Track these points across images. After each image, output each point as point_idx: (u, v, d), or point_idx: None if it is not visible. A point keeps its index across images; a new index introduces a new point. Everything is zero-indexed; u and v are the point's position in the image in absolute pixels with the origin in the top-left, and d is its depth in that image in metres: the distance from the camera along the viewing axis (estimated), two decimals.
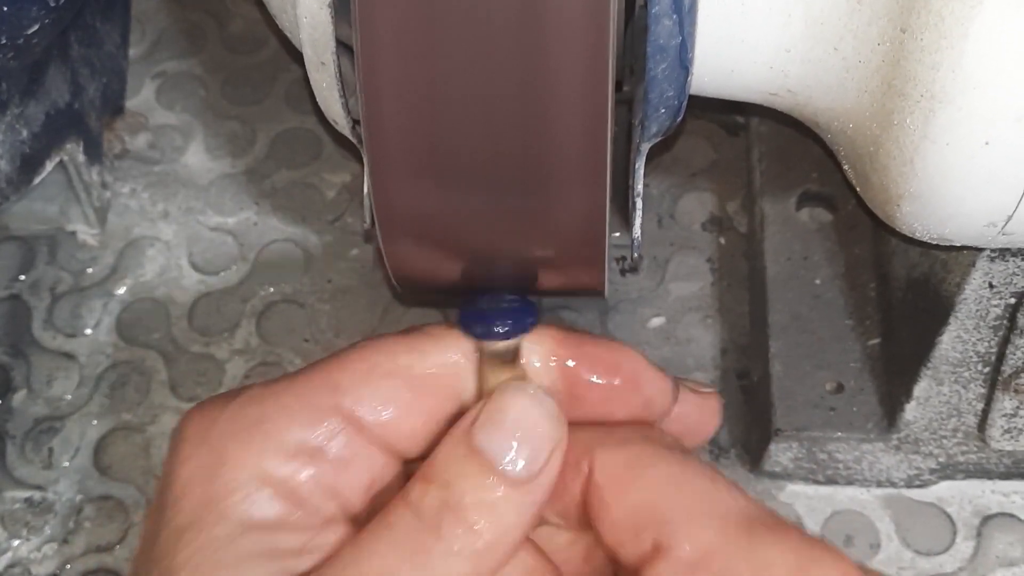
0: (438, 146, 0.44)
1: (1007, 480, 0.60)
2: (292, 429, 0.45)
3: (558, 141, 0.43)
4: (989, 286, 0.53)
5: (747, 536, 0.43)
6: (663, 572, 0.43)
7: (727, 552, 0.43)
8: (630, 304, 0.66)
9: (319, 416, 0.46)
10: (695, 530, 0.43)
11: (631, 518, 0.45)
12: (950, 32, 0.42)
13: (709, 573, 0.43)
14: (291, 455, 0.45)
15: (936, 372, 0.56)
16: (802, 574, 0.42)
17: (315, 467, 0.45)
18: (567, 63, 0.42)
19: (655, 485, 0.45)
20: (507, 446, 0.44)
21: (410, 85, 0.42)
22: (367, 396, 0.46)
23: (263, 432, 0.45)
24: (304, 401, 0.46)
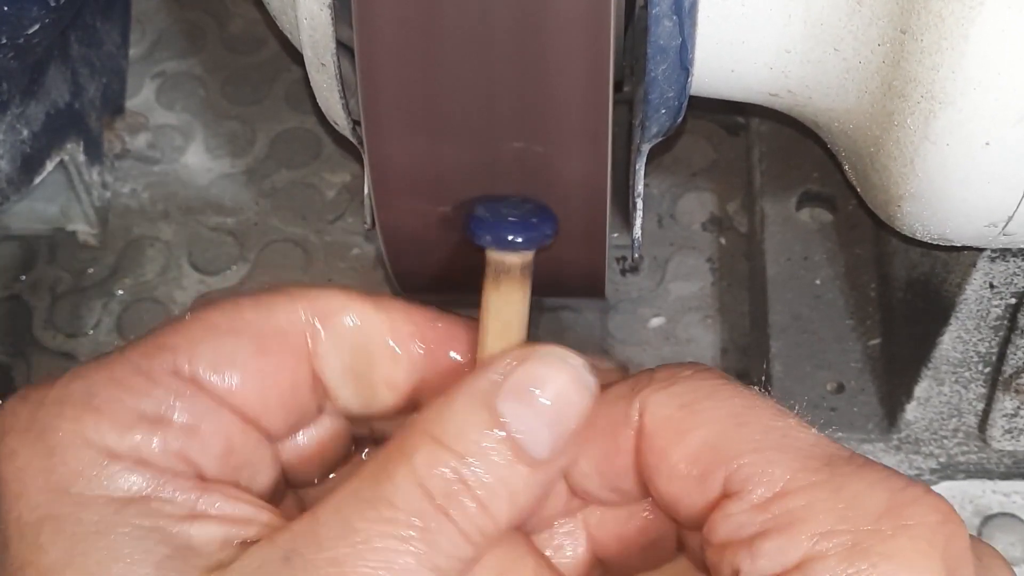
0: (438, 148, 0.44)
1: (1008, 480, 0.60)
2: (125, 398, 0.41)
3: (559, 142, 0.43)
4: (990, 286, 0.53)
5: (828, 471, 0.38)
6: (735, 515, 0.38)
7: (808, 490, 0.38)
8: (630, 304, 0.66)
9: (154, 381, 0.41)
10: (769, 468, 0.38)
11: (693, 463, 0.40)
12: (950, 33, 0.42)
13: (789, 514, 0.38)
14: (130, 426, 0.40)
15: (937, 372, 0.56)
16: (896, 514, 0.37)
17: (162, 435, 0.40)
18: (567, 64, 0.41)
19: (716, 422, 0.40)
20: (536, 422, 0.39)
21: (410, 87, 0.42)
22: (206, 356, 0.42)
23: (94, 407, 0.40)
24: (136, 368, 0.41)
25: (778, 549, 0.37)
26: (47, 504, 0.39)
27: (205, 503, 0.40)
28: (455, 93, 0.42)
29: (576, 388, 0.40)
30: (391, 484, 0.38)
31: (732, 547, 0.38)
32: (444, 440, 0.39)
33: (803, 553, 0.37)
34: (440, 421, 0.39)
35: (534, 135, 0.43)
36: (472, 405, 0.39)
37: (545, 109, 0.42)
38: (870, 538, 0.37)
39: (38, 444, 0.40)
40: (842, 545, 0.37)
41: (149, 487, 0.40)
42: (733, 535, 0.38)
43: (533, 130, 0.43)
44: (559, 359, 0.40)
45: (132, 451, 0.40)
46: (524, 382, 0.40)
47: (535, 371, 0.40)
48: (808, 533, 0.37)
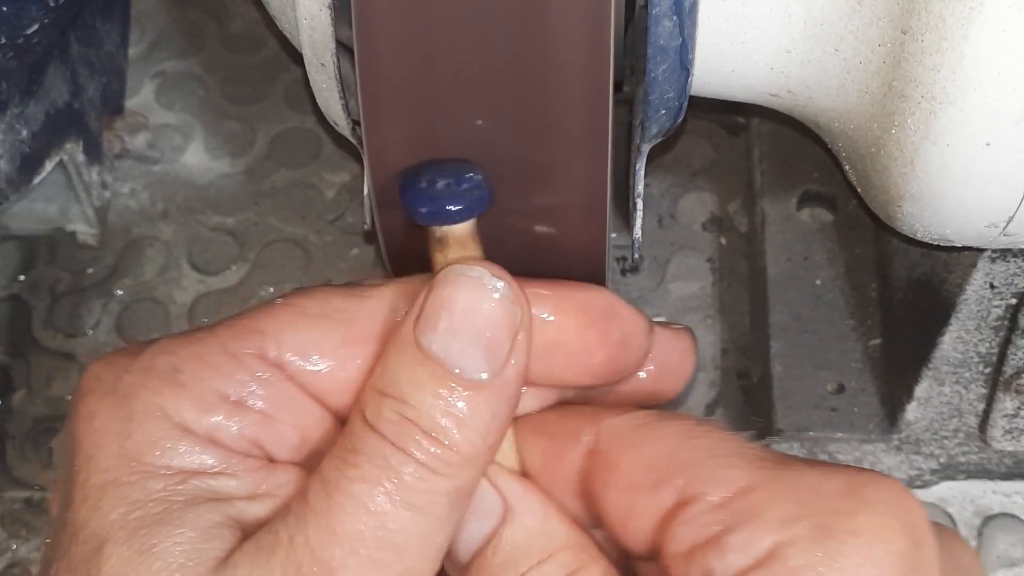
0: (438, 150, 0.43)
1: (1008, 480, 0.60)
2: (209, 378, 0.41)
3: (559, 143, 0.43)
4: (990, 287, 0.53)
5: (783, 467, 0.39)
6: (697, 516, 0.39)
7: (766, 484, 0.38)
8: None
9: (239, 364, 0.41)
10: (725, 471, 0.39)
11: (647, 472, 0.40)
12: (951, 33, 0.42)
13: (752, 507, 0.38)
14: (211, 407, 0.41)
15: (937, 373, 0.56)
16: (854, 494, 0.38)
17: (239, 420, 0.41)
18: (567, 64, 0.41)
19: (670, 437, 0.41)
20: (458, 344, 0.39)
21: (409, 88, 0.42)
22: (293, 341, 0.42)
23: (177, 383, 0.41)
24: (223, 348, 0.41)
25: (745, 541, 0.38)
26: (115, 469, 0.40)
27: (269, 484, 0.41)
28: (455, 93, 0.42)
29: (483, 296, 0.40)
30: (352, 438, 0.39)
31: (699, 550, 0.38)
32: (384, 388, 0.39)
33: (771, 542, 0.37)
34: (380, 372, 0.40)
35: (534, 136, 0.43)
36: (399, 349, 0.40)
37: (545, 110, 0.42)
38: (834, 518, 0.38)
39: (117, 409, 0.40)
40: (808, 528, 0.37)
41: (217, 465, 0.40)
42: (697, 537, 0.39)
43: (533, 131, 0.43)
44: (457, 275, 0.40)
45: (208, 431, 0.41)
46: (434, 309, 0.40)
47: (440, 295, 0.40)
48: (773, 521, 0.38)
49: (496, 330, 0.40)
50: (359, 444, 0.39)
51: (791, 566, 0.37)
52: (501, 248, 0.47)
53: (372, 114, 0.43)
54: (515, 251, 0.47)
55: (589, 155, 0.44)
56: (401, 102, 0.43)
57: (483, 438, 0.40)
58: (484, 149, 0.43)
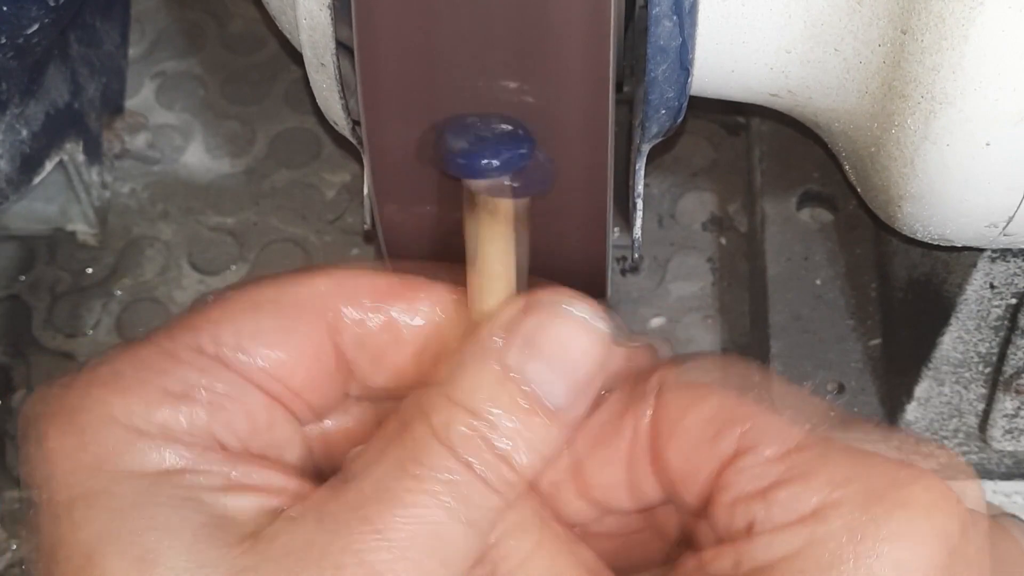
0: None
1: (1008, 480, 0.60)
2: (151, 378, 0.41)
3: (559, 143, 0.43)
4: (990, 287, 0.53)
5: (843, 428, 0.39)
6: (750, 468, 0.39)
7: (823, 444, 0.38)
8: (631, 304, 0.65)
9: (178, 360, 0.41)
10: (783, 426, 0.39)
11: (707, 425, 0.40)
12: (950, 34, 0.42)
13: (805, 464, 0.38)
14: (157, 404, 0.40)
15: (937, 372, 0.56)
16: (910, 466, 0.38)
17: (188, 412, 0.41)
18: (568, 65, 0.41)
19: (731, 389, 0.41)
20: (548, 374, 0.39)
21: (409, 88, 0.42)
22: (227, 332, 0.42)
23: (121, 387, 0.40)
24: (160, 349, 0.41)
25: (793, 497, 0.38)
26: (78, 483, 0.39)
27: (239, 474, 0.40)
28: (455, 93, 0.42)
29: (583, 333, 0.40)
30: (414, 444, 0.39)
31: (745, 499, 0.39)
32: (459, 399, 0.39)
33: (817, 501, 0.37)
34: (453, 381, 0.40)
35: (536, 138, 0.43)
36: (482, 362, 0.40)
37: (546, 111, 0.42)
38: (886, 486, 0.37)
39: (67, 425, 0.40)
40: (857, 492, 0.37)
41: (181, 461, 0.40)
42: (747, 488, 0.39)
43: (534, 132, 0.43)
44: (565, 308, 0.40)
45: (160, 428, 0.40)
46: (531, 333, 0.40)
47: (542, 323, 0.40)
48: (823, 481, 0.38)
49: (586, 367, 0.40)
50: (423, 455, 0.39)
51: (832, 527, 0.37)
52: None
53: (372, 114, 0.43)
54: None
55: (590, 155, 0.44)
56: (401, 102, 0.43)
57: (540, 463, 0.40)
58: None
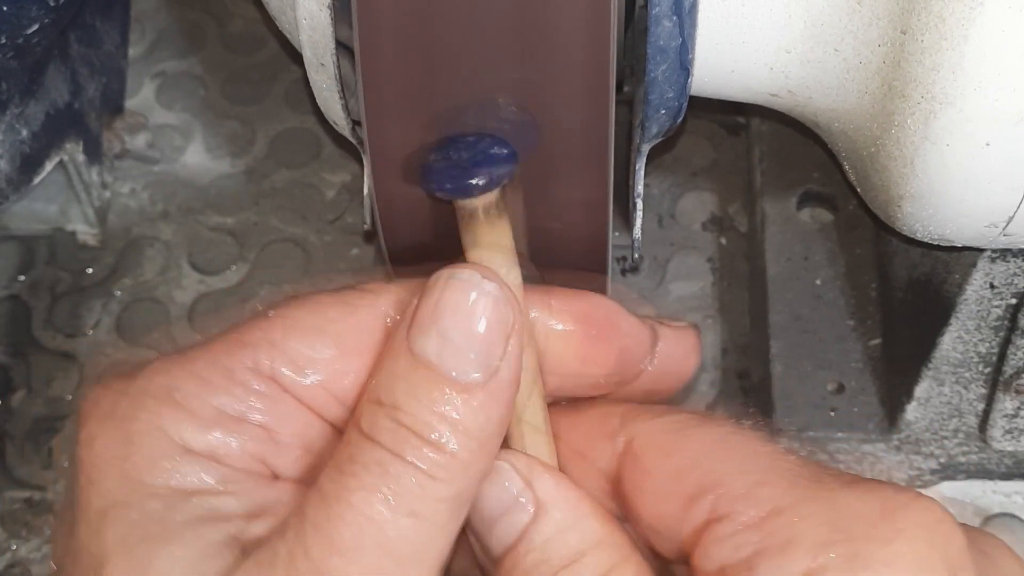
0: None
1: (1008, 480, 0.60)
2: (205, 395, 0.41)
3: (560, 142, 0.43)
4: (990, 287, 0.53)
5: (818, 487, 0.38)
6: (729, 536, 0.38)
7: (800, 506, 0.38)
8: (631, 304, 0.65)
9: (235, 379, 0.41)
10: (758, 489, 0.38)
11: (679, 483, 0.40)
12: (950, 34, 0.42)
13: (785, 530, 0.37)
14: (209, 424, 0.40)
15: (937, 372, 0.56)
16: (890, 520, 0.37)
17: (238, 435, 0.41)
18: (569, 65, 0.41)
19: (703, 446, 0.40)
20: (450, 348, 0.39)
21: (410, 87, 0.42)
22: (288, 354, 0.41)
23: (174, 402, 0.40)
24: (218, 364, 0.41)
25: (778, 568, 0.37)
26: (115, 491, 0.40)
27: (270, 501, 0.40)
28: (456, 92, 0.42)
29: (472, 297, 0.39)
30: (348, 448, 0.39)
31: (731, 570, 0.38)
32: (380, 398, 0.39)
33: (804, 568, 0.37)
34: (375, 383, 0.40)
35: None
36: (393, 356, 0.40)
37: (546, 113, 0.42)
38: (869, 545, 0.37)
39: (117, 432, 0.40)
40: (842, 556, 0.37)
41: (219, 484, 0.40)
42: (729, 558, 0.38)
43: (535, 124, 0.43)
44: (448, 278, 0.40)
45: (208, 448, 0.40)
46: (425, 313, 0.39)
47: (431, 299, 0.40)
48: (806, 547, 0.37)
49: (488, 332, 0.39)
50: (356, 454, 0.39)
51: None
52: None
53: (373, 114, 0.43)
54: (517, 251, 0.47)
55: (590, 155, 0.44)
56: (402, 102, 0.43)
57: (479, 442, 0.39)
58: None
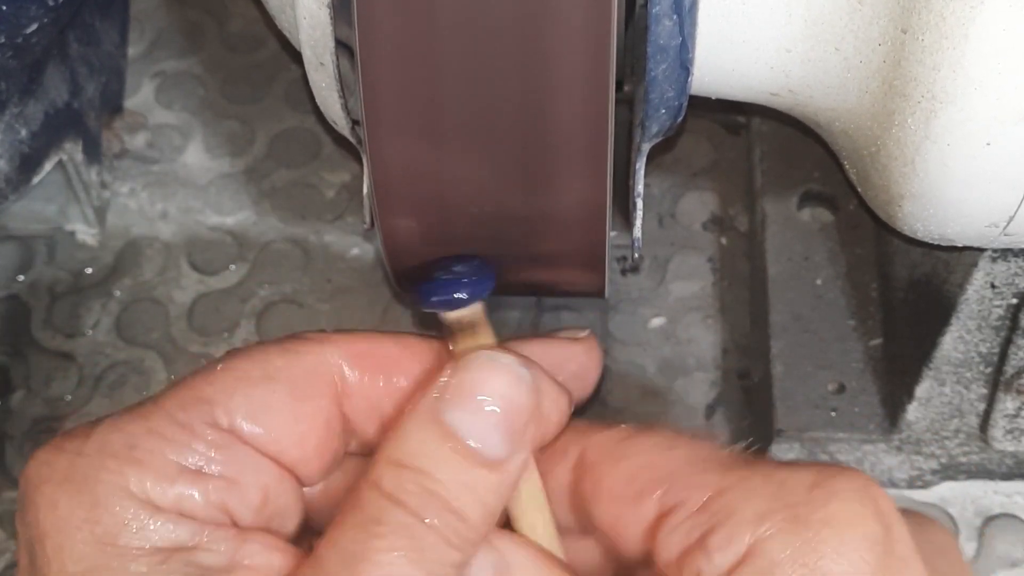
0: (438, 147, 0.43)
1: (1009, 481, 0.60)
2: (166, 451, 0.42)
3: (559, 142, 0.43)
4: (991, 286, 0.53)
5: (754, 468, 0.41)
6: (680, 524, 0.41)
7: (739, 485, 0.41)
8: (631, 304, 0.65)
9: (192, 434, 0.42)
10: (700, 477, 0.41)
11: (629, 484, 0.43)
12: (951, 33, 0.42)
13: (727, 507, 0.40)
14: (172, 478, 0.41)
15: (938, 373, 0.56)
16: (822, 486, 0.40)
17: (203, 488, 0.42)
18: (569, 64, 0.41)
19: (649, 449, 0.43)
20: (482, 425, 0.42)
21: (410, 86, 0.42)
22: (241, 406, 0.43)
23: (135, 459, 0.41)
24: (173, 420, 0.42)
25: (726, 539, 0.40)
26: (93, 556, 0.40)
27: (242, 554, 0.42)
28: (456, 91, 0.42)
29: (511, 383, 0.42)
30: (371, 507, 0.41)
31: (687, 554, 0.41)
32: (404, 461, 0.41)
33: (750, 537, 0.40)
34: (397, 445, 0.42)
35: (535, 135, 0.43)
36: (421, 423, 0.42)
37: (546, 108, 0.42)
38: (806, 509, 0.40)
39: (80, 496, 0.41)
40: (783, 521, 0.40)
41: (192, 539, 0.41)
42: (683, 543, 0.41)
43: (534, 129, 0.43)
44: (489, 360, 0.43)
45: (175, 503, 0.41)
46: (460, 386, 0.42)
47: (470, 377, 0.42)
48: (749, 517, 0.40)
49: (518, 415, 0.42)
50: (382, 515, 0.40)
51: (773, 558, 0.39)
52: (502, 248, 0.47)
53: (373, 113, 0.43)
54: (515, 250, 0.47)
55: (590, 155, 0.44)
56: (402, 101, 0.43)
57: (491, 515, 0.42)
58: (485, 147, 0.43)
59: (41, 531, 0.41)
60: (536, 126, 0.43)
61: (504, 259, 0.48)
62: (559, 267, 0.49)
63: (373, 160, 0.44)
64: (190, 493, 0.42)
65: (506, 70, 0.42)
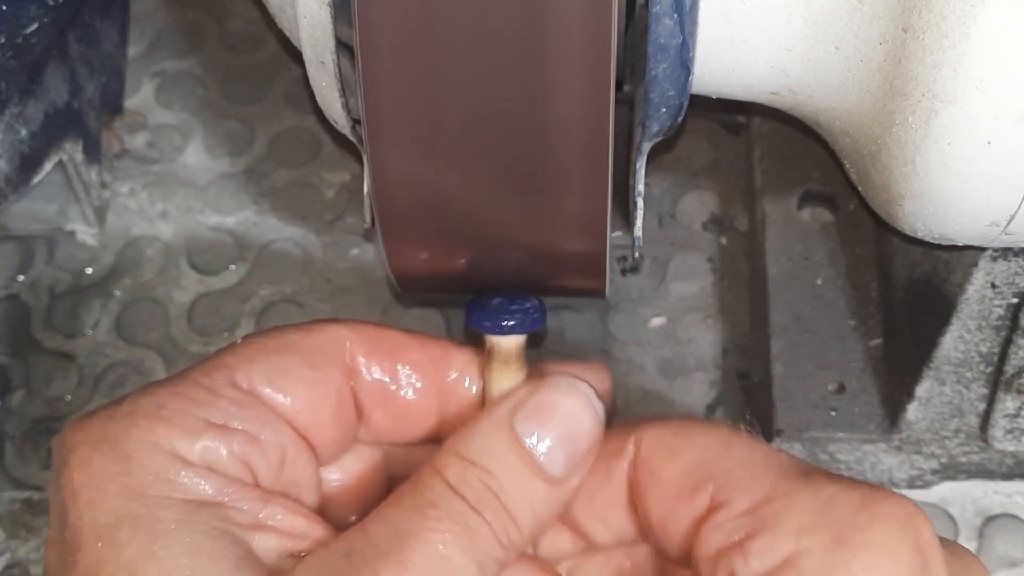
0: (438, 146, 0.43)
1: (1009, 481, 0.60)
2: (192, 409, 0.44)
3: (559, 141, 0.43)
4: (991, 286, 0.53)
5: (806, 480, 0.42)
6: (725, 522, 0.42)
7: (788, 495, 0.42)
8: (631, 304, 0.65)
9: (216, 394, 0.45)
10: (751, 481, 0.42)
11: (683, 480, 0.44)
12: (952, 32, 0.42)
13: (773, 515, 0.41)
14: (199, 433, 0.44)
15: (938, 372, 0.56)
16: (869, 509, 0.41)
17: (228, 441, 0.44)
18: (569, 63, 0.41)
19: (705, 446, 0.44)
20: (551, 443, 0.44)
21: (410, 85, 0.42)
22: (260, 370, 0.46)
23: (163, 418, 0.43)
24: (198, 383, 0.45)
25: (766, 546, 0.41)
26: (124, 505, 0.42)
27: (267, 514, 0.44)
28: (456, 90, 0.42)
29: (585, 410, 0.45)
30: (431, 493, 0.43)
31: (724, 553, 0.42)
32: (471, 457, 0.44)
33: (790, 549, 0.40)
34: (466, 442, 0.44)
35: (535, 134, 0.43)
36: (494, 427, 0.44)
37: (546, 107, 0.42)
38: (849, 530, 0.40)
39: (113, 452, 0.43)
40: (824, 538, 0.40)
41: (219, 494, 0.43)
42: (724, 541, 0.42)
43: (534, 129, 0.43)
44: (569, 385, 0.45)
45: (201, 458, 0.43)
46: (539, 406, 0.45)
47: (548, 396, 0.45)
48: (792, 529, 0.41)
49: (583, 441, 0.45)
50: (440, 501, 0.43)
51: (808, 573, 0.40)
52: (501, 248, 0.47)
53: (373, 113, 0.43)
54: (516, 250, 0.47)
55: (590, 155, 0.44)
56: (402, 100, 0.43)
57: (539, 527, 0.45)
58: (485, 145, 0.43)
59: (74, 488, 0.42)
60: (536, 125, 0.43)
61: (504, 259, 0.48)
62: (559, 267, 0.48)
63: (373, 159, 0.44)
64: (215, 446, 0.44)
65: (506, 69, 0.42)
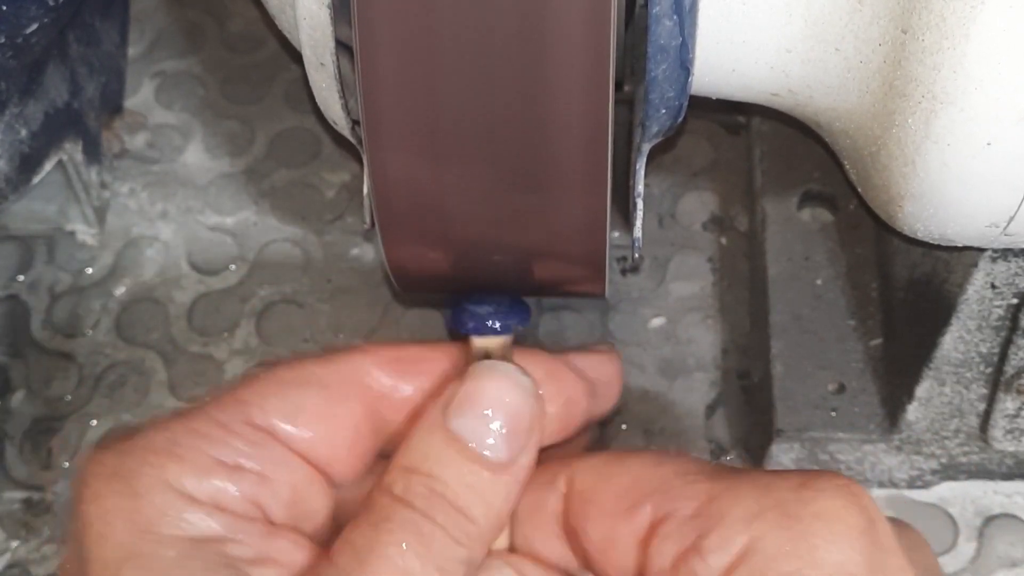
0: (437, 147, 0.43)
1: (1009, 481, 0.60)
2: (204, 447, 0.44)
3: (559, 141, 0.43)
4: (991, 286, 0.53)
5: (742, 475, 0.43)
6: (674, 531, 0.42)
7: (730, 491, 0.42)
8: (631, 304, 0.65)
9: (230, 432, 0.45)
10: (690, 487, 0.43)
11: (619, 500, 0.44)
12: (952, 33, 0.42)
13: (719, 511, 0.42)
14: (209, 472, 0.44)
15: (938, 373, 0.56)
16: (809, 485, 0.42)
17: (238, 481, 0.44)
18: (568, 63, 0.41)
19: (638, 467, 0.45)
20: (485, 430, 0.44)
21: (410, 86, 0.42)
22: (276, 406, 0.46)
23: (176, 455, 0.44)
24: (213, 420, 0.45)
25: (721, 541, 0.41)
26: (131, 543, 0.43)
27: (271, 549, 0.44)
28: (455, 91, 0.42)
29: (512, 389, 0.45)
30: (382, 508, 0.44)
31: (682, 559, 0.42)
32: (413, 465, 0.44)
33: (745, 537, 0.41)
34: (407, 452, 0.45)
35: (534, 134, 0.43)
36: (428, 429, 0.45)
37: (546, 108, 0.42)
38: (796, 506, 0.42)
39: (124, 488, 0.43)
40: (774, 518, 0.41)
41: (224, 530, 0.43)
42: (678, 549, 0.42)
43: (533, 129, 0.43)
44: (490, 367, 0.46)
45: (210, 496, 0.44)
46: (465, 397, 0.45)
47: (472, 385, 0.45)
48: (741, 518, 0.41)
49: (518, 420, 0.45)
50: (391, 514, 0.43)
51: (769, 553, 0.41)
52: (501, 248, 0.47)
53: (373, 114, 0.43)
54: (515, 251, 0.47)
55: (590, 155, 0.44)
56: (402, 101, 0.43)
57: (497, 516, 0.45)
58: (484, 146, 0.43)
59: (86, 521, 0.43)
60: (536, 125, 0.43)
61: (504, 260, 0.48)
62: (559, 268, 0.49)
63: (373, 160, 0.44)
64: (225, 486, 0.44)
65: (505, 69, 0.42)
